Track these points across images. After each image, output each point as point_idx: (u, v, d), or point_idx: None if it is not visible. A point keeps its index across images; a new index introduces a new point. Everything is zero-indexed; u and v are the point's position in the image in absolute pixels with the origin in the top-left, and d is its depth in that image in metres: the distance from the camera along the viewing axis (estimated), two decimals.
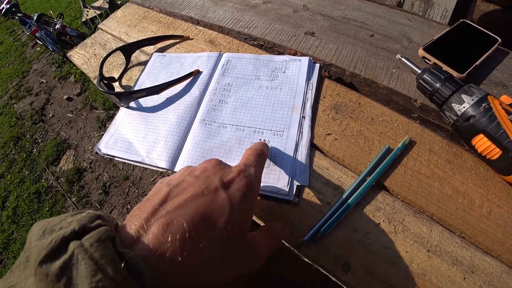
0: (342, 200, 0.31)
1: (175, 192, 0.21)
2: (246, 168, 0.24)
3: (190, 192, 0.21)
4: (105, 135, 0.43)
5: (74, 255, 0.14)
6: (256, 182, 0.24)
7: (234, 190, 0.22)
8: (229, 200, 0.21)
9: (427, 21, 0.50)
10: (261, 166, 0.27)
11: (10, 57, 3.42)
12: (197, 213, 0.19)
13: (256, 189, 0.24)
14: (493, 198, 0.31)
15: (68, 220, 0.16)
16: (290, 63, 0.43)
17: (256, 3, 0.60)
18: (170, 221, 0.18)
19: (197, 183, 0.22)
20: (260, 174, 0.26)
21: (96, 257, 0.14)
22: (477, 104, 0.32)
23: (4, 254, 1.69)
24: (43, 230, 0.16)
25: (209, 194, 0.21)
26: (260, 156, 0.27)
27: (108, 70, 0.54)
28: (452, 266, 0.27)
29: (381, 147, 0.34)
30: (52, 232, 0.16)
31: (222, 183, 0.22)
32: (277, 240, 0.26)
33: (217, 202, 0.20)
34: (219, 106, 0.41)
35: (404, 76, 0.42)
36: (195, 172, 0.23)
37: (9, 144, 2.28)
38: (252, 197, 0.23)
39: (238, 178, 0.23)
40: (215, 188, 0.21)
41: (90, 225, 0.16)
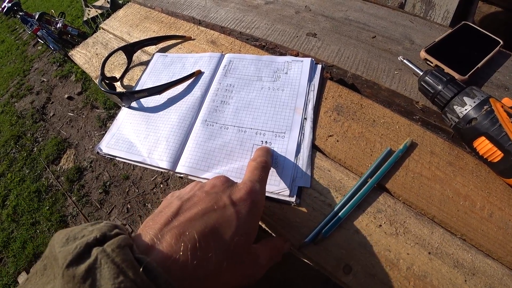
0: (344, 201, 0.31)
1: (186, 206, 0.23)
2: (252, 185, 0.26)
3: (200, 206, 0.22)
4: (107, 135, 0.43)
5: (98, 259, 0.16)
6: (261, 199, 0.26)
7: (241, 207, 0.24)
8: (237, 215, 0.23)
9: (429, 23, 0.50)
10: (266, 179, 0.29)
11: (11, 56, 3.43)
12: (207, 226, 0.21)
13: (261, 205, 0.26)
14: (494, 200, 0.31)
15: (89, 229, 0.18)
16: (292, 64, 0.43)
17: (258, 3, 0.60)
18: (182, 232, 0.20)
19: (207, 198, 0.23)
20: (265, 188, 0.28)
21: (118, 261, 0.16)
22: (479, 107, 0.32)
23: (4, 252, 1.69)
24: (67, 238, 0.17)
25: (218, 209, 0.22)
26: (264, 169, 0.29)
27: (110, 69, 0.55)
28: (453, 269, 0.27)
29: (382, 149, 0.34)
30: (75, 240, 0.17)
31: (230, 200, 0.24)
32: (278, 253, 0.28)
33: (225, 217, 0.22)
34: (221, 107, 0.41)
35: (406, 78, 0.42)
36: (205, 188, 0.25)
37: (10, 143, 2.29)
38: (257, 213, 0.25)
39: (245, 196, 0.24)
40: (224, 204, 0.23)
41: (110, 233, 0.18)
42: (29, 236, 1.70)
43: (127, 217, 1.58)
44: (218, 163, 0.35)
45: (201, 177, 0.35)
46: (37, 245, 1.64)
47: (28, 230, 1.73)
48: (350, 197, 0.31)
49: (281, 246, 0.29)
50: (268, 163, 0.30)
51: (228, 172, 0.34)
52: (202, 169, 0.35)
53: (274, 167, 0.34)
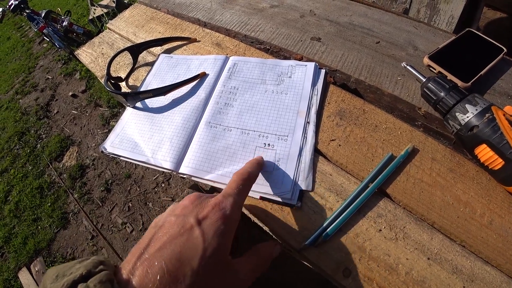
0: (344, 205, 0.31)
1: (158, 235, 0.23)
2: (222, 200, 0.26)
3: (169, 234, 0.23)
4: (111, 134, 0.44)
5: None
6: (231, 214, 0.25)
7: (207, 225, 0.24)
8: (202, 236, 0.23)
9: (433, 29, 0.51)
10: (244, 192, 0.28)
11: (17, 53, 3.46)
12: (174, 253, 0.22)
13: (232, 219, 0.25)
14: (494, 208, 0.31)
15: (77, 266, 0.20)
16: (296, 68, 0.43)
17: (263, 7, 0.60)
18: (151, 264, 0.21)
19: (176, 223, 0.24)
20: (241, 201, 0.28)
21: None
22: (480, 114, 0.32)
23: (5, 247, 1.71)
24: (56, 275, 0.20)
25: (184, 233, 0.23)
26: (243, 181, 0.28)
27: (116, 69, 0.55)
28: (452, 274, 0.28)
29: (384, 154, 0.35)
30: (64, 277, 0.19)
31: (196, 220, 0.24)
32: (264, 263, 0.28)
33: (191, 240, 0.23)
34: (224, 109, 0.41)
35: (409, 84, 0.42)
36: (176, 211, 0.26)
37: (14, 139, 2.31)
38: (226, 229, 0.24)
39: (212, 213, 0.25)
40: (190, 227, 0.23)
41: (94, 270, 0.20)
42: (31, 232, 1.71)
43: (128, 216, 1.59)
44: (221, 164, 0.36)
45: (204, 178, 0.36)
46: (38, 241, 1.65)
47: (29, 226, 1.74)
48: (351, 201, 0.31)
49: (269, 255, 0.28)
50: (250, 174, 0.29)
51: (231, 174, 0.35)
52: (205, 170, 0.36)
53: (277, 167, 0.34)
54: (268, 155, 0.36)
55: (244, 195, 0.28)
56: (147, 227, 1.52)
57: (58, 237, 1.66)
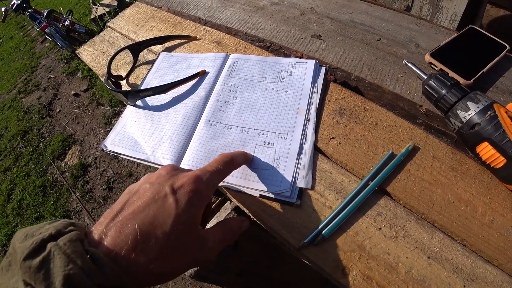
0: (344, 204, 0.31)
1: (131, 200, 0.24)
2: (199, 174, 0.27)
3: (143, 199, 0.24)
4: (112, 132, 0.44)
5: (51, 252, 0.18)
6: (205, 188, 0.26)
7: (181, 195, 0.25)
8: (176, 203, 0.24)
9: (435, 26, 0.50)
10: (223, 173, 0.29)
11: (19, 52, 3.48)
12: (147, 217, 0.23)
13: (205, 194, 0.26)
14: (496, 206, 0.31)
15: (46, 227, 0.20)
16: (296, 66, 0.43)
17: (264, 4, 0.60)
18: (124, 225, 0.22)
19: (150, 189, 0.25)
20: (217, 179, 0.29)
21: (68, 253, 0.18)
22: (482, 112, 0.32)
23: (8, 245, 1.72)
24: (25, 235, 0.20)
25: (159, 200, 0.24)
26: (226, 164, 0.30)
27: (116, 68, 0.55)
28: (452, 274, 0.27)
29: (384, 152, 0.34)
30: (33, 236, 0.19)
31: (171, 189, 0.25)
32: (231, 234, 0.29)
33: (164, 206, 0.24)
34: (224, 107, 0.41)
35: (410, 82, 0.42)
36: (151, 179, 0.26)
37: (16, 138, 2.32)
38: (198, 201, 0.25)
39: (187, 183, 0.25)
40: (164, 194, 0.24)
41: (64, 230, 0.20)
42: None
43: None
44: None
45: None
46: None
47: (32, 224, 1.75)
48: (350, 199, 0.31)
49: (237, 228, 0.29)
50: (234, 160, 0.31)
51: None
52: None
53: (276, 165, 0.34)
54: (268, 153, 0.35)
55: (222, 175, 0.29)
56: None
57: None
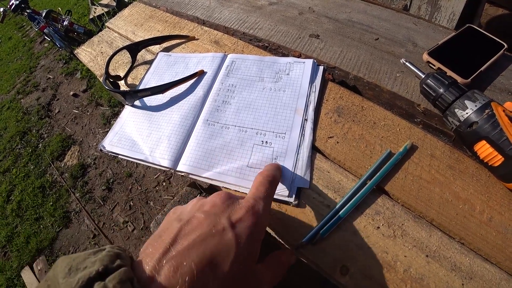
0: (342, 203, 0.31)
1: (185, 231, 0.22)
2: (255, 204, 0.25)
3: (198, 231, 0.22)
4: (110, 133, 0.44)
5: None
6: (264, 218, 0.25)
7: (241, 229, 0.22)
8: (236, 239, 0.22)
9: (433, 25, 0.50)
10: (272, 195, 0.28)
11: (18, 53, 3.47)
12: (205, 255, 0.20)
13: (264, 225, 0.25)
14: (494, 204, 0.31)
15: (92, 259, 0.18)
16: (294, 65, 0.43)
17: (262, 4, 0.60)
18: (180, 263, 0.19)
19: (206, 221, 0.22)
20: (269, 205, 0.27)
21: None
22: (480, 110, 0.32)
23: (8, 247, 1.72)
24: (69, 267, 0.18)
25: (216, 234, 0.22)
26: (271, 184, 0.28)
27: (114, 68, 0.55)
28: (450, 272, 0.27)
29: (382, 151, 0.34)
30: (77, 271, 0.17)
31: (229, 222, 0.23)
32: (282, 270, 0.27)
33: (223, 243, 0.21)
34: (222, 106, 0.41)
35: (408, 81, 0.42)
36: (205, 207, 0.24)
37: (15, 139, 2.32)
38: (259, 235, 0.24)
39: (246, 216, 0.23)
40: (222, 228, 0.22)
41: (112, 265, 0.18)
42: (33, 231, 1.72)
43: (129, 214, 1.60)
44: (219, 162, 0.36)
45: (201, 176, 0.35)
46: (41, 240, 1.66)
47: (32, 225, 1.75)
48: (348, 198, 0.31)
49: (287, 261, 0.28)
50: (276, 177, 0.29)
51: (229, 172, 0.35)
52: (203, 168, 0.36)
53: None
54: (266, 152, 0.35)
55: (271, 199, 0.27)
56: (148, 226, 1.53)
57: (60, 236, 1.67)
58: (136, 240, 1.50)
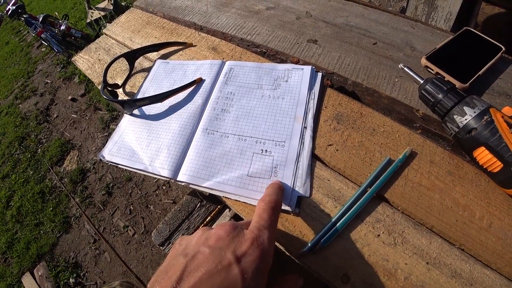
0: (343, 211, 0.31)
1: (191, 267, 0.22)
2: (259, 234, 0.25)
3: (204, 268, 0.22)
4: (109, 142, 0.44)
5: None
6: (269, 249, 0.24)
7: (247, 263, 0.22)
8: (242, 275, 0.22)
9: (431, 28, 0.50)
10: (276, 222, 0.27)
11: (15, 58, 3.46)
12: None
13: (270, 255, 0.24)
14: (493, 210, 0.31)
15: None
16: (292, 72, 0.43)
17: (259, 9, 0.60)
18: None
19: (211, 256, 0.23)
20: (275, 233, 0.27)
21: None
22: (479, 117, 0.32)
23: (8, 253, 1.71)
24: None
25: (222, 271, 0.22)
26: (273, 210, 0.27)
27: (112, 76, 0.55)
28: (451, 279, 0.28)
29: (382, 158, 0.35)
30: None
31: (235, 257, 0.23)
32: None
33: (230, 279, 0.21)
34: (221, 115, 0.41)
35: (407, 86, 0.42)
36: (210, 241, 0.24)
37: (14, 144, 2.31)
38: (265, 267, 0.23)
39: (251, 249, 0.23)
40: (228, 263, 0.22)
41: None
42: (33, 237, 1.71)
43: (129, 219, 1.60)
44: (219, 171, 0.36)
45: (201, 186, 0.35)
46: (41, 246, 1.66)
47: (32, 231, 1.75)
48: (349, 206, 0.31)
49: (295, 286, 0.27)
50: (278, 202, 0.28)
51: (229, 181, 0.35)
52: (203, 177, 0.36)
53: (274, 174, 0.34)
54: (266, 161, 0.35)
55: (276, 225, 0.27)
56: (149, 230, 1.53)
57: (60, 242, 1.66)
58: (137, 245, 1.50)
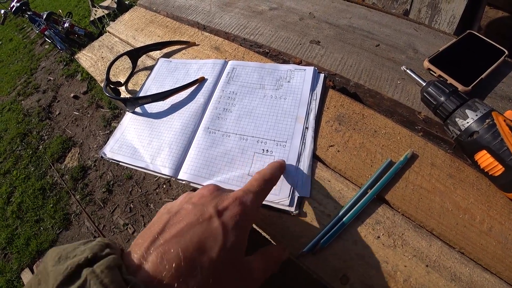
0: (343, 212, 0.31)
1: (173, 221, 0.22)
2: (243, 195, 0.25)
3: (186, 221, 0.22)
4: (111, 140, 0.44)
5: (87, 281, 0.16)
6: (251, 210, 0.25)
7: (228, 217, 0.23)
8: (222, 227, 0.22)
9: (434, 31, 0.50)
10: (265, 192, 0.28)
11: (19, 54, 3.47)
12: (192, 242, 0.21)
13: (251, 216, 0.25)
14: (494, 214, 0.31)
15: (81, 248, 0.18)
16: (295, 73, 0.43)
17: (263, 9, 0.60)
18: (167, 250, 0.20)
19: (193, 211, 0.23)
20: (260, 200, 0.27)
21: (106, 283, 0.16)
22: (481, 120, 0.32)
23: (8, 248, 1.72)
24: (59, 256, 0.18)
25: (203, 222, 0.22)
26: (266, 182, 0.28)
27: (115, 74, 0.55)
28: (450, 282, 0.28)
29: (383, 160, 0.35)
30: (67, 259, 0.17)
31: (216, 210, 0.23)
32: (274, 264, 0.27)
33: (210, 230, 0.22)
34: (223, 114, 0.41)
35: (409, 88, 0.42)
36: (193, 199, 0.25)
37: (16, 140, 2.32)
38: (245, 224, 0.24)
39: (232, 205, 0.24)
40: (209, 216, 0.22)
41: (101, 253, 0.18)
42: (33, 233, 1.72)
43: (129, 217, 1.60)
44: (220, 170, 0.36)
45: (202, 185, 0.36)
46: (41, 242, 1.66)
47: (32, 227, 1.75)
48: (349, 208, 0.31)
49: (279, 256, 0.28)
50: (272, 176, 0.29)
51: (229, 180, 0.35)
52: (204, 176, 0.36)
53: None
54: (267, 161, 0.35)
55: (264, 195, 0.28)
56: None
57: (60, 238, 1.67)
58: None
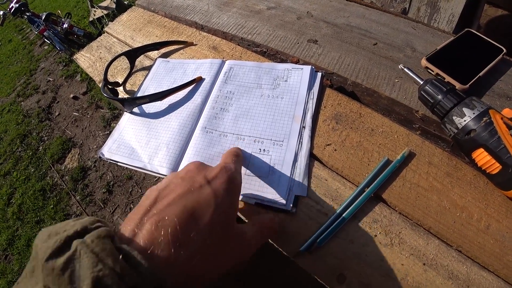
0: (340, 211, 0.31)
1: (163, 194, 0.23)
2: (226, 165, 0.27)
3: (177, 192, 0.23)
4: (109, 140, 0.44)
5: (77, 251, 0.16)
6: (237, 176, 0.27)
7: (218, 184, 0.24)
8: (214, 193, 0.23)
9: (432, 29, 0.50)
10: (239, 164, 0.30)
11: (18, 55, 3.47)
12: (186, 208, 0.21)
13: (238, 182, 0.26)
14: (492, 212, 0.31)
15: (71, 223, 0.18)
16: (292, 72, 0.43)
17: (260, 9, 0.60)
18: (161, 218, 0.20)
19: (183, 183, 0.24)
20: (240, 169, 0.29)
21: (97, 251, 0.16)
22: (478, 118, 0.32)
23: (9, 250, 1.72)
24: (49, 234, 0.18)
25: (195, 191, 0.23)
26: (236, 156, 0.30)
27: (113, 74, 0.55)
28: (447, 280, 0.28)
29: (380, 158, 0.35)
30: (56, 234, 0.17)
31: (206, 180, 0.24)
32: (267, 231, 0.28)
33: (203, 197, 0.22)
34: (220, 114, 0.41)
35: (406, 86, 0.42)
36: (180, 174, 0.25)
37: (16, 141, 2.32)
38: (234, 189, 0.25)
39: (220, 173, 0.25)
40: (200, 185, 0.23)
41: (91, 226, 0.18)
42: (34, 234, 1.72)
43: None
44: None
45: None
46: None
47: (32, 228, 1.75)
48: (346, 206, 0.31)
49: (270, 223, 0.29)
50: (239, 153, 0.32)
51: None
52: None
53: (271, 173, 0.34)
54: (264, 160, 0.35)
55: (240, 164, 0.30)
56: None
57: None
58: None
